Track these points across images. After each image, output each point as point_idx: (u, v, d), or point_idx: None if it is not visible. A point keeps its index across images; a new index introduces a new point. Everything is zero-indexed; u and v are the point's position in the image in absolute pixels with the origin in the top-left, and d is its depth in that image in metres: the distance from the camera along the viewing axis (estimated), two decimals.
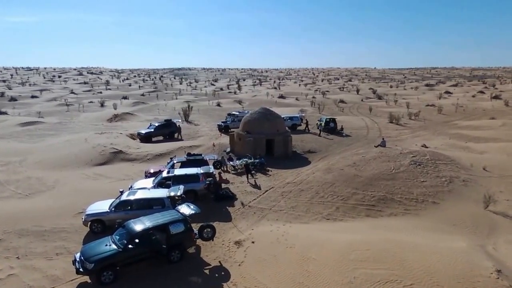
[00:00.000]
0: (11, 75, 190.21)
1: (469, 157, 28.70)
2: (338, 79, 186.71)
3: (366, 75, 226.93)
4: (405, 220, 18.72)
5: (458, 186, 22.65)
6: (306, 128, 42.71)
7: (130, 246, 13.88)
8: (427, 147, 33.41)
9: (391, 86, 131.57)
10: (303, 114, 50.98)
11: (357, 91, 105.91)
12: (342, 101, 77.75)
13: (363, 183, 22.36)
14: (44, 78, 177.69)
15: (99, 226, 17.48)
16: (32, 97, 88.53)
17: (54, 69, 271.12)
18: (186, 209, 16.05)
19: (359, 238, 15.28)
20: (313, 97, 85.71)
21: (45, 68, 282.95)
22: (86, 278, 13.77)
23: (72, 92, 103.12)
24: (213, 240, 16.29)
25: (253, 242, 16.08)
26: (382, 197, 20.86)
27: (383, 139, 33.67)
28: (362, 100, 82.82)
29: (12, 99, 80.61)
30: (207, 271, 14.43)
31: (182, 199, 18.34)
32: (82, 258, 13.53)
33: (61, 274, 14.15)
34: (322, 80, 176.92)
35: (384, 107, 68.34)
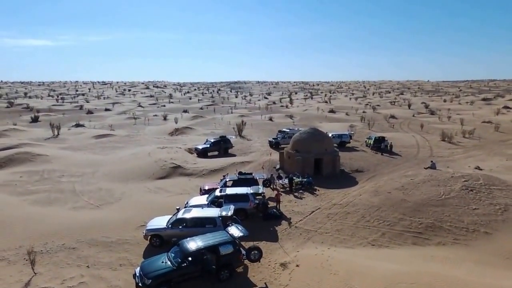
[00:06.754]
0: (89, 89, 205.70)
1: None
2: (390, 92, 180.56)
3: (418, 88, 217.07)
4: (453, 250, 17.58)
5: None
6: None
7: (183, 264, 14.48)
8: (480, 169, 31.23)
9: (444, 100, 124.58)
10: (353, 132, 49.88)
11: (409, 105, 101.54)
12: (392, 117, 74.99)
13: (411, 209, 21.33)
14: (116, 91, 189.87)
15: (157, 240, 18.45)
16: (106, 110, 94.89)
17: (125, 83, 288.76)
18: (235, 231, 16.40)
19: (405, 269, 14.60)
20: (364, 112, 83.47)
21: (117, 82, 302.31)
22: None
23: (139, 105, 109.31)
24: (259, 262, 16.46)
25: (297, 266, 15.98)
26: (430, 225, 19.75)
27: (432, 162, 31.47)
28: (413, 116, 79.14)
29: (89, 112, 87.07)
30: None
31: (233, 220, 18.70)
32: (141, 273, 14.30)
33: (123, 285, 14.92)
34: (373, 94, 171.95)
35: (436, 123, 64.86)
